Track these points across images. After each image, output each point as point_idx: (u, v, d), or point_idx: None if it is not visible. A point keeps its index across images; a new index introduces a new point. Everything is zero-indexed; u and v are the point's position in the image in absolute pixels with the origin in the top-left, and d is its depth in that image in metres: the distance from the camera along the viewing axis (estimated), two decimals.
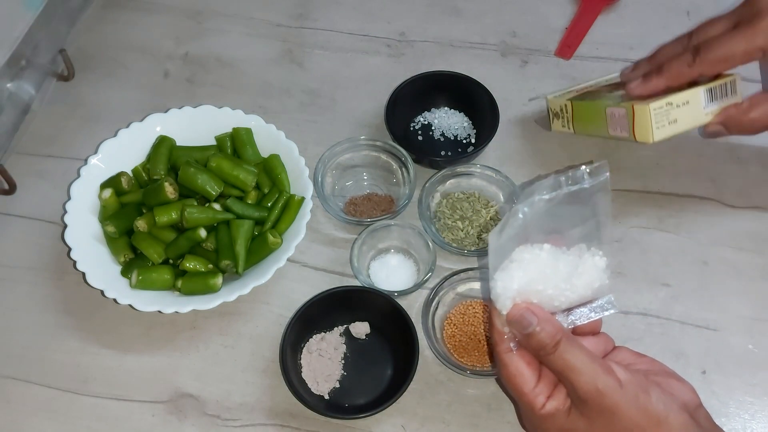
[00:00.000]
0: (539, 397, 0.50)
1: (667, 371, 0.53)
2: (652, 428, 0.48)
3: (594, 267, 0.52)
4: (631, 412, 0.48)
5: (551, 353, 0.49)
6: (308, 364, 0.64)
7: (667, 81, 0.66)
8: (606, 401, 0.48)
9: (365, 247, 0.70)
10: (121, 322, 0.67)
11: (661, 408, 0.48)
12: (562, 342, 0.49)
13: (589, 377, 0.48)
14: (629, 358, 0.54)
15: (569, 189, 0.50)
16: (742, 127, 0.67)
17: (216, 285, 0.65)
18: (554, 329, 0.49)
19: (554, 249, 0.51)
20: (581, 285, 0.51)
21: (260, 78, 0.84)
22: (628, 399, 0.48)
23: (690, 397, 0.51)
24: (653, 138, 0.65)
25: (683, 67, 0.65)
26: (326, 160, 0.74)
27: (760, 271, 0.69)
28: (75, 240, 0.66)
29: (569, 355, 0.49)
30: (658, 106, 0.64)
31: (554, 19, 0.88)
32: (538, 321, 0.49)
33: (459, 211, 0.72)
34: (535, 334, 0.49)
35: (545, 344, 0.49)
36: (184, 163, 0.69)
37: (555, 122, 0.78)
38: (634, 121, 0.66)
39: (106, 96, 0.82)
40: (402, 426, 0.62)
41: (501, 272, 0.51)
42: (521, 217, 0.50)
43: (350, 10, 0.89)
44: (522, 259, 0.50)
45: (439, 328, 0.66)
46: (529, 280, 0.50)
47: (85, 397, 0.64)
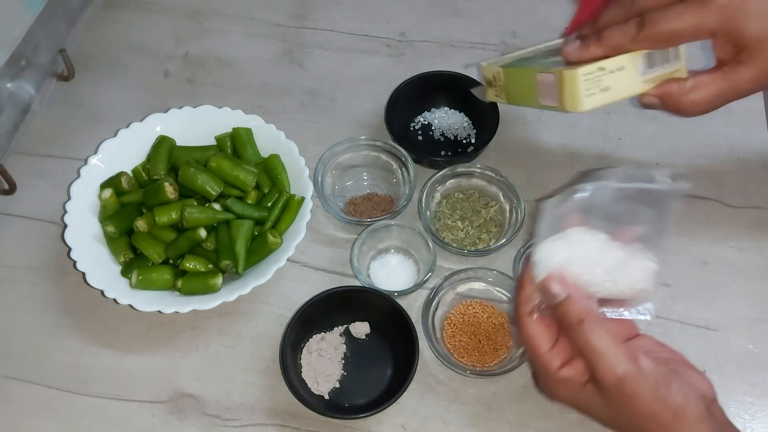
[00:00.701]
0: (554, 359, 0.52)
1: (686, 362, 0.54)
2: (669, 419, 0.48)
3: (643, 269, 0.52)
4: (649, 401, 0.48)
5: (575, 329, 0.49)
6: (308, 364, 0.64)
7: (605, 51, 0.59)
8: (626, 388, 0.48)
9: (365, 247, 0.70)
10: (121, 322, 0.67)
11: (680, 399, 0.49)
12: (587, 321, 0.49)
13: (610, 362, 0.48)
14: (651, 345, 0.54)
15: (645, 186, 0.50)
16: (680, 108, 0.60)
17: (216, 285, 0.65)
18: (581, 307, 0.50)
19: (608, 241, 0.51)
20: (623, 282, 0.52)
21: (260, 78, 0.84)
22: (648, 388, 0.48)
23: (707, 390, 0.51)
24: (582, 106, 0.58)
25: (624, 38, 0.58)
26: (326, 160, 0.74)
27: (760, 271, 0.69)
28: (75, 240, 0.66)
29: (593, 335, 0.49)
30: (588, 72, 0.58)
31: (554, 19, 0.88)
32: (567, 295, 0.50)
33: (459, 211, 0.72)
34: (561, 306, 0.50)
35: (569, 318, 0.50)
36: (184, 163, 0.69)
37: (489, 92, 0.72)
38: (563, 88, 0.59)
39: (106, 96, 0.83)
40: (402, 426, 0.62)
41: (548, 243, 0.51)
42: (586, 196, 0.50)
43: (350, 10, 0.89)
44: (573, 238, 0.51)
45: (439, 328, 0.66)
46: (571, 259, 0.51)
47: (85, 397, 0.64)
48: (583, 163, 0.76)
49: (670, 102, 0.60)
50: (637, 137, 0.77)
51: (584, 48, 0.60)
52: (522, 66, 0.67)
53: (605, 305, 0.53)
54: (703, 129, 0.77)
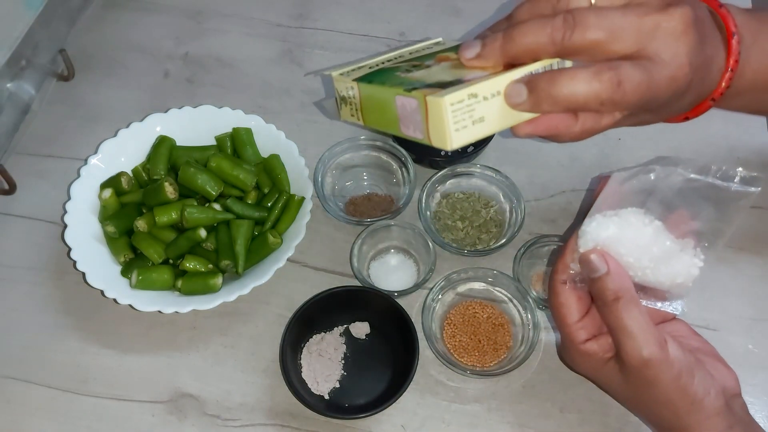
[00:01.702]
0: (580, 331, 0.52)
1: (716, 354, 0.54)
2: (685, 408, 0.49)
3: (687, 266, 0.51)
4: (669, 388, 0.48)
5: (609, 306, 0.49)
6: (308, 364, 0.64)
7: (512, 57, 0.46)
8: (648, 372, 0.48)
9: (365, 247, 0.70)
10: (121, 322, 0.67)
11: (700, 390, 0.49)
12: (623, 300, 0.49)
13: (638, 343, 0.48)
14: (685, 331, 0.55)
15: (716, 182, 0.49)
16: (565, 139, 0.49)
17: (216, 285, 0.65)
18: (619, 285, 0.49)
19: (661, 229, 0.51)
20: (664, 273, 0.51)
21: (260, 78, 0.84)
22: (670, 375, 0.48)
23: (731, 384, 0.52)
24: (450, 143, 0.46)
25: (542, 41, 0.45)
26: (326, 160, 0.74)
27: (760, 271, 0.69)
28: (75, 240, 0.66)
29: (626, 314, 0.48)
30: (458, 100, 0.45)
31: None
32: (608, 270, 0.49)
33: (459, 211, 0.72)
34: (599, 281, 0.49)
35: (605, 294, 0.49)
36: (184, 163, 0.69)
37: (343, 109, 0.56)
38: (427, 117, 0.47)
39: (106, 96, 0.82)
40: (402, 426, 0.62)
41: (601, 218, 0.51)
42: (652, 178, 0.49)
43: (350, 10, 0.89)
44: (627, 218, 0.50)
45: (439, 328, 0.66)
46: (620, 238, 0.50)
47: (85, 397, 0.64)
48: (583, 163, 0.76)
49: (553, 135, 0.49)
50: (636, 137, 0.77)
51: (485, 51, 0.47)
52: (382, 81, 0.51)
53: (639, 291, 0.53)
54: (703, 129, 0.77)
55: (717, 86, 0.51)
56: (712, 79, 0.50)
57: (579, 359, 0.53)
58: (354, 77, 0.53)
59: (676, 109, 0.51)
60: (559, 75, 0.45)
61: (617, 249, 0.51)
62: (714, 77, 0.50)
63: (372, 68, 0.54)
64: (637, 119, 0.50)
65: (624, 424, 0.62)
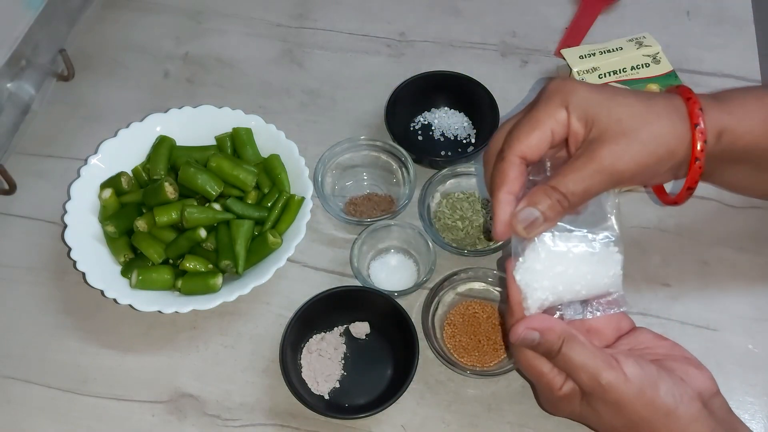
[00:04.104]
0: (557, 378, 0.52)
1: (686, 356, 0.53)
2: (660, 420, 0.49)
3: (610, 261, 0.53)
4: (636, 406, 0.48)
5: (560, 355, 0.50)
6: (308, 364, 0.64)
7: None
8: (609, 395, 0.49)
9: (365, 247, 0.70)
10: (121, 322, 0.67)
11: (669, 401, 0.48)
12: (565, 344, 0.50)
13: (590, 373, 0.49)
14: (649, 341, 0.54)
15: (533, 178, 0.53)
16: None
17: (216, 285, 0.65)
18: (555, 336, 0.50)
19: (573, 236, 0.52)
20: (595, 279, 0.53)
21: (260, 78, 0.84)
22: (632, 393, 0.48)
23: (706, 385, 0.51)
24: None
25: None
26: (326, 160, 0.74)
27: (760, 271, 0.69)
28: (75, 240, 0.66)
29: (572, 353, 0.50)
30: None
31: (554, 19, 0.88)
32: (539, 334, 0.50)
33: (459, 211, 0.72)
34: (540, 345, 0.51)
35: (551, 350, 0.50)
36: (184, 163, 0.69)
37: None
38: None
39: (106, 96, 0.82)
40: (402, 426, 0.62)
41: (528, 268, 0.52)
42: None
43: (350, 10, 0.89)
44: (545, 250, 0.52)
45: (439, 328, 0.66)
46: (553, 281, 0.52)
47: (85, 397, 0.64)
48: None
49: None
50: None
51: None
52: None
53: (587, 305, 0.54)
54: None
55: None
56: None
57: (561, 405, 0.53)
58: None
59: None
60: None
61: (556, 290, 0.52)
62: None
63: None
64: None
65: None
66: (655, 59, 0.77)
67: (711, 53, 0.83)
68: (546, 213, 0.50)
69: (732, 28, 0.86)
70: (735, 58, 0.83)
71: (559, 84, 0.52)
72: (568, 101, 0.51)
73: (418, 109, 0.80)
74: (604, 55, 0.78)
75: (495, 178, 0.53)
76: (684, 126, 0.51)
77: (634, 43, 0.79)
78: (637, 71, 0.77)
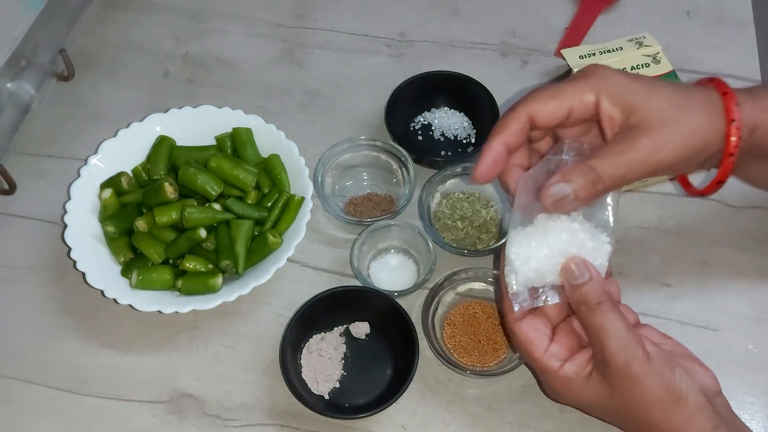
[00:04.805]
0: (552, 359, 0.52)
1: (690, 355, 0.54)
2: (672, 404, 0.49)
3: (601, 253, 0.53)
4: (653, 384, 0.49)
5: (592, 310, 0.50)
6: (308, 364, 0.64)
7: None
8: (631, 370, 0.49)
9: (365, 247, 0.70)
10: (121, 322, 0.67)
11: (683, 386, 0.49)
12: (606, 303, 0.50)
13: (620, 343, 0.49)
14: (655, 337, 0.55)
15: (550, 157, 0.53)
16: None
17: (216, 285, 0.65)
18: (601, 289, 0.50)
19: (568, 221, 0.52)
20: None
21: (260, 78, 0.84)
22: (653, 372, 0.49)
23: (710, 384, 0.52)
24: None
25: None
26: (326, 160, 0.74)
27: (760, 271, 0.69)
28: (75, 240, 0.66)
29: (608, 317, 0.49)
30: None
31: (554, 19, 0.88)
32: (590, 276, 0.50)
33: (459, 211, 0.72)
34: (581, 287, 0.50)
35: (588, 299, 0.50)
36: (184, 163, 0.69)
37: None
38: None
39: (106, 96, 0.82)
40: (402, 426, 0.62)
41: (521, 241, 0.53)
42: (529, 172, 0.54)
43: (350, 10, 0.89)
44: (541, 231, 0.52)
45: (439, 328, 0.66)
46: (543, 257, 0.52)
47: (85, 397, 0.64)
48: None
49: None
50: None
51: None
52: None
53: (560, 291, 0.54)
54: None
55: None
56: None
57: (561, 387, 0.53)
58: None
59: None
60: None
61: (544, 267, 0.52)
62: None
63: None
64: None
65: None
66: (655, 59, 0.77)
67: (711, 53, 0.83)
68: (578, 192, 0.50)
69: (732, 28, 0.86)
70: (735, 58, 0.83)
71: (597, 69, 0.53)
72: (602, 87, 0.51)
73: (418, 109, 0.80)
74: (604, 55, 0.78)
75: (496, 126, 0.53)
76: (720, 120, 0.51)
77: (634, 43, 0.79)
78: (637, 71, 0.77)
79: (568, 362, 0.52)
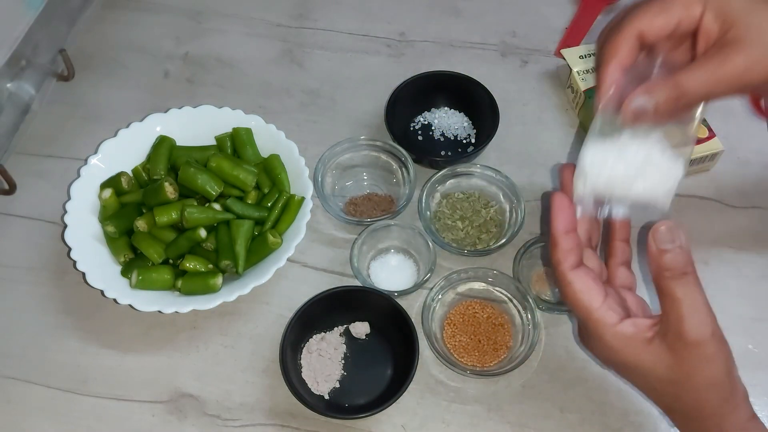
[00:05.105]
0: (610, 312, 0.49)
1: None
2: (730, 389, 0.49)
3: (671, 177, 0.52)
4: (721, 367, 0.48)
5: (675, 279, 0.47)
6: (308, 364, 0.64)
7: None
8: (707, 349, 0.47)
9: (365, 247, 0.70)
10: (121, 322, 0.67)
11: (737, 376, 0.49)
12: (690, 275, 0.47)
13: (700, 319, 0.47)
14: None
15: (640, 68, 0.51)
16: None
17: (216, 285, 0.65)
18: (688, 259, 0.47)
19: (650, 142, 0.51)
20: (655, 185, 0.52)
21: (260, 78, 0.84)
22: (724, 355, 0.48)
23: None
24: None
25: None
26: (326, 160, 0.74)
27: (760, 271, 0.69)
28: (75, 240, 0.66)
29: (690, 289, 0.47)
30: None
31: (554, 19, 0.88)
32: (680, 243, 0.47)
33: (459, 211, 0.72)
34: (671, 252, 0.47)
35: (676, 267, 0.47)
36: (184, 163, 0.69)
37: (567, 90, 0.79)
38: None
39: (106, 96, 0.82)
40: (402, 426, 0.62)
41: (598, 152, 0.52)
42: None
43: (350, 10, 0.89)
44: (620, 147, 0.51)
45: (439, 328, 0.66)
46: (618, 165, 0.52)
47: (85, 397, 0.64)
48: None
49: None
50: None
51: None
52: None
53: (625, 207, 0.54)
54: None
55: None
56: None
57: (615, 343, 0.49)
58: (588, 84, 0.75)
59: None
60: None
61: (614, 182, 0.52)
62: None
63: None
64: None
65: (624, 425, 0.62)
66: None
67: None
68: (660, 105, 0.49)
69: None
70: None
71: None
72: None
73: (418, 109, 0.80)
74: None
75: (605, 50, 0.51)
76: None
77: None
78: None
79: (628, 320, 0.49)
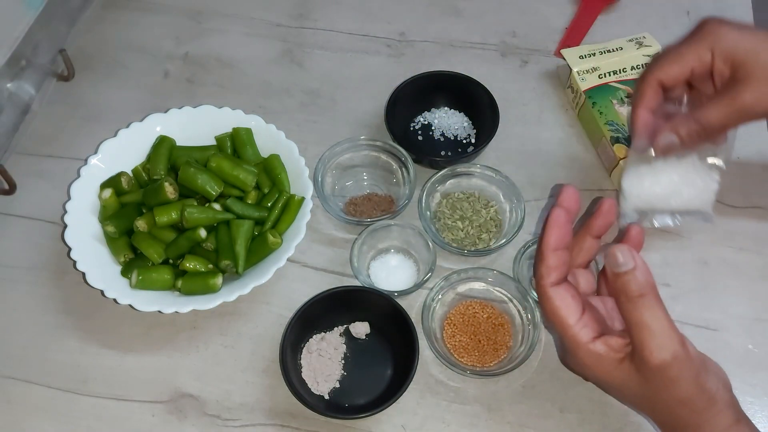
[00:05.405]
0: (585, 329, 0.50)
1: (702, 354, 0.54)
2: (703, 403, 0.49)
3: (710, 186, 0.65)
4: (689, 386, 0.49)
5: (633, 302, 0.47)
6: (308, 364, 0.64)
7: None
8: (671, 371, 0.48)
9: (365, 247, 0.70)
10: (121, 322, 0.67)
11: (713, 386, 0.50)
12: (648, 297, 0.47)
13: (662, 342, 0.47)
14: None
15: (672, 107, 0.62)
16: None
17: (216, 285, 0.65)
18: (645, 280, 0.47)
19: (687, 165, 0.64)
20: (694, 194, 0.65)
21: (260, 78, 0.84)
22: (690, 374, 0.48)
23: (726, 379, 0.52)
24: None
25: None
26: (326, 160, 0.74)
27: (760, 271, 0.69)
28: (75, 240, 0.66)
29: (650, 312, 0.47)
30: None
31: (554, 19, 0.88)
32: (635, 266, 0.47)
33: (459, 211, 0.72)
34: (625, 275, 0.47)
35: (629, 290, 0.47)
36: (184, 163, 0.69)
37: (567, 90, 0.81)
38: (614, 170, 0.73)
39: (106, 96, 0.82)
40: (402, 426, 0.62)
41: (631, 176, 0.65)
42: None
43: (350, 10, 0.89)
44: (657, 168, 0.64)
45: (439, 328, 0.66)
46: (654, 191, 0.65)
47: (85, 397, 0.64)
48: (583, 162, 0.76)
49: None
50: None
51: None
52: (599, 109, 0.76)
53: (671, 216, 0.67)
54: None
55: None
56: None
57: (588, 361, 0.51)
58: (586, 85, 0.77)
59: None
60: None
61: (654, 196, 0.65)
62: None
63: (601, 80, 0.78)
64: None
65: (624, 424, 0.62)
66: None
67: None
68: (684, 138, 0.59)
69: None
70: None
71: (712, 27, 0.58)
72: (716, 45, 0.57)
73: (418, 109, 0.80)
74: (604, 55, 0.78)
75: (635, 96, 0.62)
76: None
77: (634, 43, 0.79)
78: (637, 71, 0.77)
79: (601, 339, 0.50)
